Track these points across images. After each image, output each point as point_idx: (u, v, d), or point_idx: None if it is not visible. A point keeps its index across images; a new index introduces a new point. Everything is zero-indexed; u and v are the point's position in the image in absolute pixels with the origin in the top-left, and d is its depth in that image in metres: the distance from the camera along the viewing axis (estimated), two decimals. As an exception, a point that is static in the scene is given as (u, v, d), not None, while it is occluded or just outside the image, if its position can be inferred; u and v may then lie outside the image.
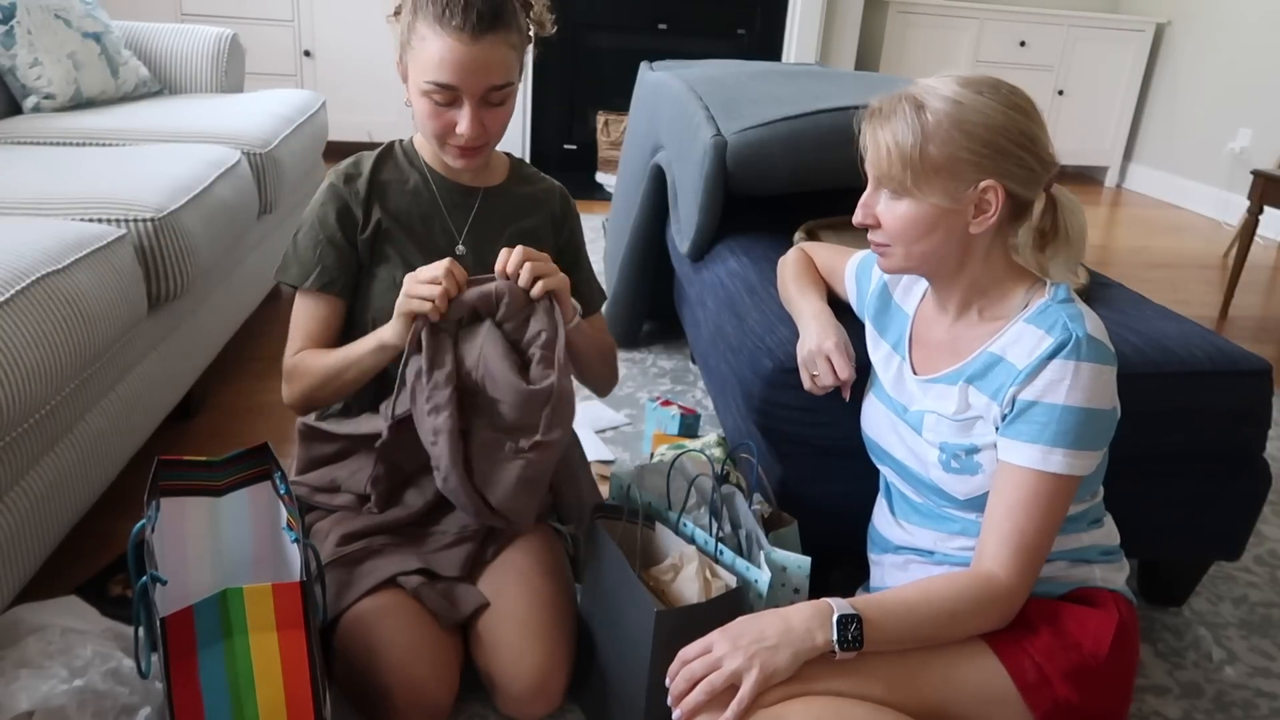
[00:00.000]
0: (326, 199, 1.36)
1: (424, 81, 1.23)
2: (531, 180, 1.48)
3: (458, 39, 1.20)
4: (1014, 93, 1.07)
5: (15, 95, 2.40)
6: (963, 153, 1.04)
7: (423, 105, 1.26)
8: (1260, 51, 4.47)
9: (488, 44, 1.21)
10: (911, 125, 1.05)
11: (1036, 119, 1.07)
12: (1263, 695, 1.46)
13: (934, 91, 1.06)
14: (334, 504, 1.37)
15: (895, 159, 1.06)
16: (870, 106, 1.11)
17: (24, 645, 1.12)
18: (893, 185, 1.08)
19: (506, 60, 1.25)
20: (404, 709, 1.18)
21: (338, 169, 1.38)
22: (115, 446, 1.55)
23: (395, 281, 1.34)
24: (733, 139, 1.84)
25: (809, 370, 1.34)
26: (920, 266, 1.14)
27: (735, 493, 1.34)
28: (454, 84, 1.22)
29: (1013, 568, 1.05)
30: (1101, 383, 1.04)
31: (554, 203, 1.48)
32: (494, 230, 1.41)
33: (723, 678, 0.99)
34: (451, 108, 1.25)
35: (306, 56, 4.26)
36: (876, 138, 1.08)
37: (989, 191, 1.06)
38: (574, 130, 4.60)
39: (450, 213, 1.39)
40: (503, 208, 1.42)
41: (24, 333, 1.23)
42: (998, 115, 1.04)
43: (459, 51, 1.20)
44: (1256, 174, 3.15)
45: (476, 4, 1.20)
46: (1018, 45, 5.02)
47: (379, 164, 1.39)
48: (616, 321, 2.51)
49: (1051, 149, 1.08)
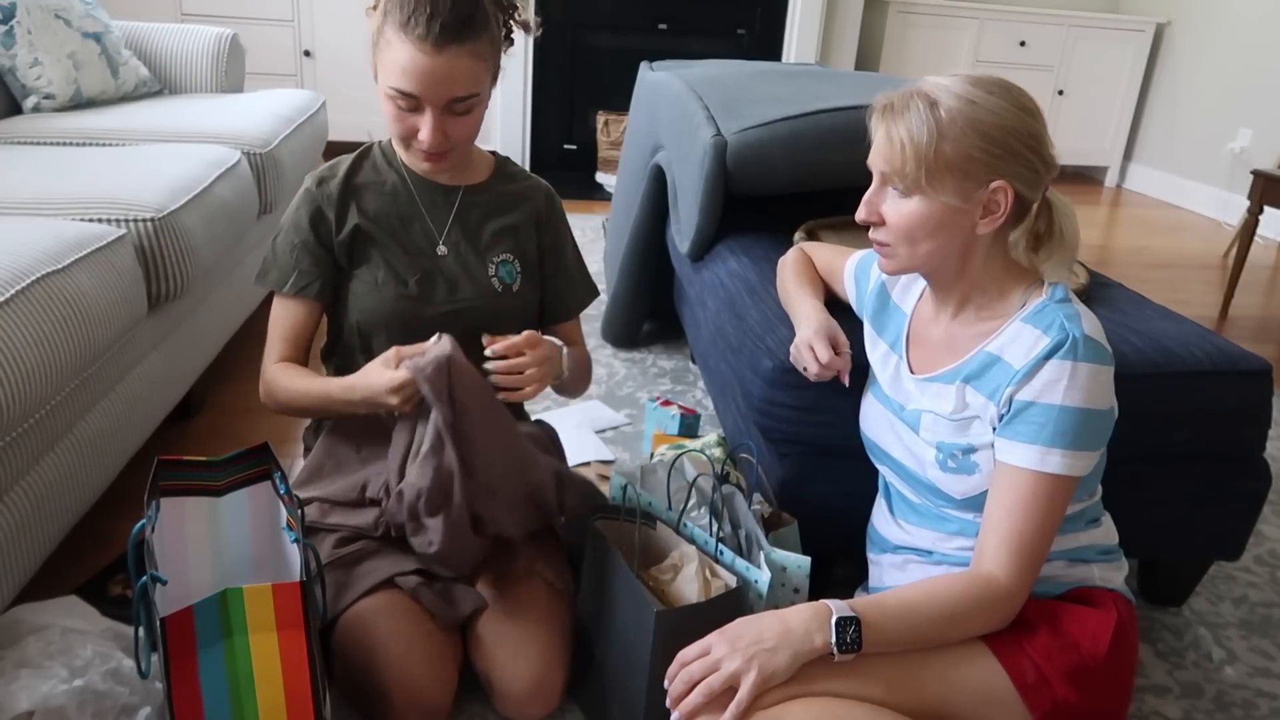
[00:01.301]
0: (300, 203, 1.36)
1: (387, 86, 1.23)
2: (516, 178, 1.47)
3: (420, 48, 1.18)
4: (1022, 94, 1.07)
5: (15, 95, 2.40)
6: (976, 152, 1.04)
7: (387, 107, 1.26)
8: (1260, 51, 4.47)
9: (451, 55, 1.19)
10: (926, 121, 1.04)
11: (1041, 120, 1.08)
12: (1263, 695, 1.46)
13: (946, 89, 1.06)
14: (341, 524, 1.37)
15: (910, 155, 1.05)
16: (880, 102, 1.09)
17: (24, 645, 1.12)
18: (904, 182, 1.07)
19: (472, 72, 1.22)
20: (403, 709, 1.18)
21: (314, 172, 1.39)
22: (115, 446, 1.55)
23: (377, 283, 1.35)
24: (733, 139, 1.84)
25: (800, 365, 1.34)
26: (922, 266, 1.14)
27: (735, 493, 1.34)
28: (414, 93, 1.21)
29: (1012, 569, 1.05)
30: (1099, 383, 1.04)
31: (538, 200, 1.46)
32: (474, 229, 1.40)
33: (721, 679, 0.99)
34: (415, 113, 1.24)
35: (306, 56, 4.26)
36: (890, 133, 1.07)
37: (999, 192, 1.06)
38: (574, 130, 4.60)
39: (430, 212, 1.39)
40: (483, 206, 1.41)
41: (24, 333, 1.23)
42: (1010, 116, 1.04)
43: (420, 61, 1.19)
44: (1256, 174, 3.15)
45: (442, 14, 1.17)
46: (1018, 45, 5.02)
47: (355, 166, 1.39)
48: (616, 321, 2.51)
49: (1052, 149, 1.09)
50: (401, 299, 1.35)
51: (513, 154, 4.45)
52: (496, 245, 1.41)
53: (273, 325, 1.39)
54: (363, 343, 1.38)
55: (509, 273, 1.41)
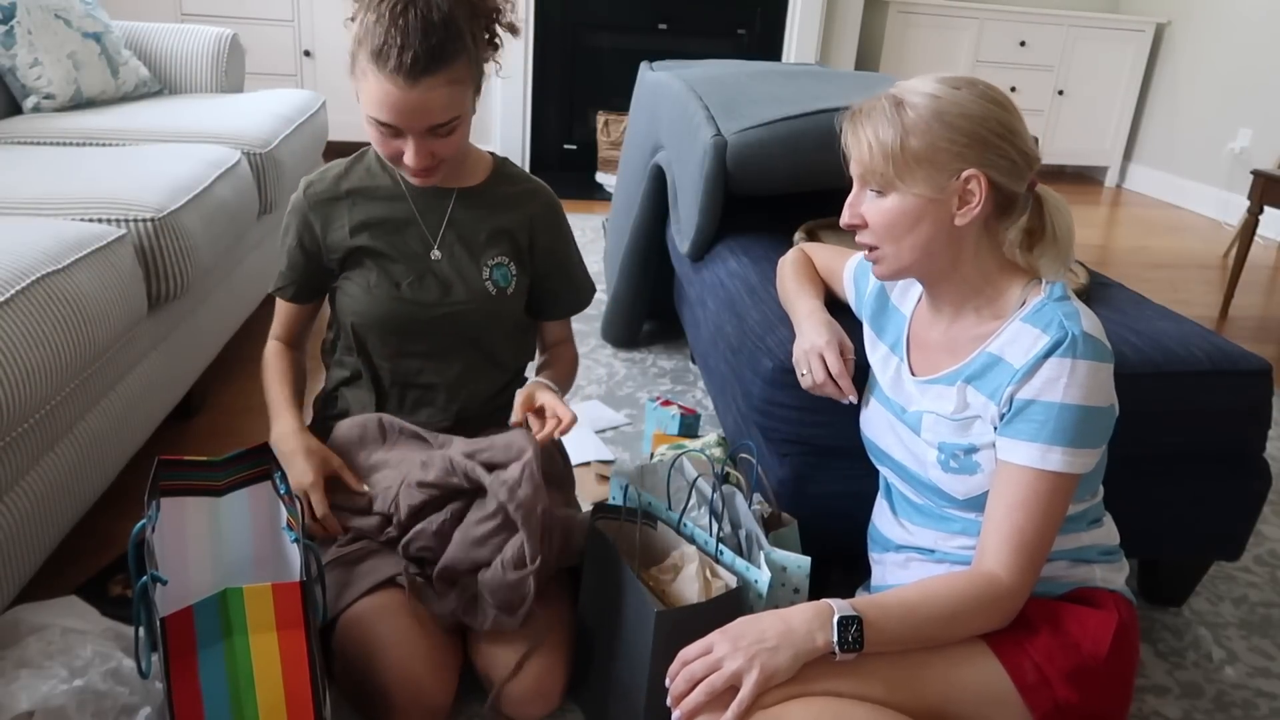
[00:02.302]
0: (290, 209, 1.39)
1: (367, 114, 1.21)
2: (515, 180, 1.45)
3: (393, 83, 1.15)
4: (990, 89, 1.09)
5: (15, 95, 2.40)
6: (943, 142, 1.06)
7: (370, 130, 1.24)
8: (1260, 51, 4.47)
9: (426, 87, 1.16)
10: (892, 120, 1.07)
11: (1014, 113, 1.09)
12: (1263, 695, 1.46)
13: (913, 90, 1.09)
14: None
15: (877, 153, 1.08)
16: (850, 110, 1.13)
17: (24, 645, 1.12)
18: (877, 181, 1.10)
19: (450, 98, 1.19)
20: (403, 709, 1.18)
21: (305, 178, 1.39)
22: (115, 446, 1.55)
23: (370, 285, 1.36)
24: (733, 139, 1.84)
25: (801, 369, 1.34)
26: (912, 266, 1.14)
27: (735, 493, 1.34)
28: (393, 123, 1.20)
29: (1014, 567, 1.05)
30: (1099, 380, 1.04)
31: (536, 204, 1.44)
32: (470, 232, 1.39)
33: (723, 679, 0.99)
34: (397, 139, 1.23)
35: (306, 56, 4.26)
36: (858, 136, 1.10)
37: (972, 181, 1.07)
38: (574, 130, 4.60)
39: (424, 216, 1.38)
40: (478, 209, 1.41)
41: (24, 333, 1.23)
42: (975, 106, 1.06)
43: (395, 96, 1.16)
44: (1256, 174, 3.15)
45: (414, 46, 1.14)
46: (1018, 45, 5.02)
47: (346, 172, 1.39)
48: (616, 321, 2.51)
49: (1031, 143, 1.10)
50: (394, 301, 1.35)
51: (513, 154, 4.45)
52: (492, 248, 1.40)
53: (275, 312, 1.50)
54: (358, 343, 1.39)
55: (504, 275, 1.41)
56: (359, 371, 1.42)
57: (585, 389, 2.30)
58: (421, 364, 1.40)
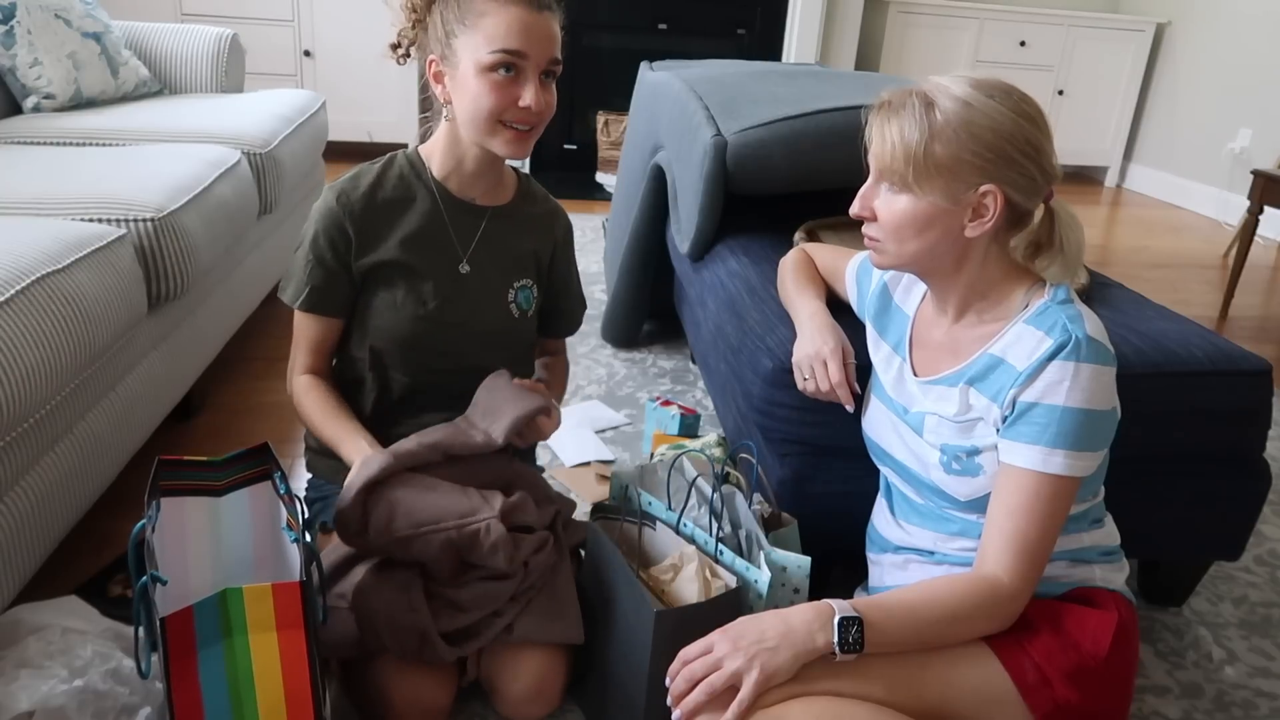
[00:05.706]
0: (319, 217, 1.32)
1: (488, 53, 1.20)
2: (537, 200, 1.46)
3: (524, 8, 1.22)
4: (1025, 100, 1.06)
5: (15, 95, 2.40)
6: (967, 154, 1.04)
7: (481, 86, 1.22)
8: (1260, 51, 4.47)
9: (549, 16, 1.24)
10: (919, 122, 1.04)
11: (1044, 129, 1.07)
12: (1263, 695, 1.46)
13: (945, 90, 1.05)
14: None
15: (899, 153, 1.05)
16: (880, 99, 1.10)
17: (24, 645, 1.12)
18: (893, 180, 1.08)
19: (560, 38, 1.27)
20: (403, 709, 1.18)
21: (335, 184, 1.34)
22: (115, 446, 1.54)
23: (396, 302, 1.33)
24: (733, 139, 1.84)
25: (802, 374, 1.34)
26: (912, 265, 1.13)
27: (735, 493, 1.34)
28: (523, 49, 1.21)
29: (1015, 570, 1.05)
30: (1101, 384, 1.04)
31: (559, 227, 1.48)
32: (498, 251, 1.39)
33: (723, 678, 0.99)
34: (514, 84, 1.23)
35: (306, 56, 4.26)
36: (883, 131, 1.08)
37: (988, 196, 1.05)
38: (574, 130, 4.60)
39: (456, 232, 1.36)
40: (508, 229, 1.40)
41: (24, 333, 1.23)
42: (1007, 122, 1.04)
43: (527, 19, 1.22)
44: (1256, 174, 3.15)
45: None
46: (1018, 45, 5.02)
47: (379, 180, 1.34)
48: (616, 321, 2.51)
49: (1054, 160, 1.08)
50: (419, 319, 1.33)
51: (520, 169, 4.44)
52: (519, 270, 1.41)
53: (296, 332, 1.38)
54: (373, 359, 1.36)
55: (527, 299, 1.42)
56: (362, 378, 1.39)
57: (585, 389, 2.30)
58: (434, 377, 1.38)
